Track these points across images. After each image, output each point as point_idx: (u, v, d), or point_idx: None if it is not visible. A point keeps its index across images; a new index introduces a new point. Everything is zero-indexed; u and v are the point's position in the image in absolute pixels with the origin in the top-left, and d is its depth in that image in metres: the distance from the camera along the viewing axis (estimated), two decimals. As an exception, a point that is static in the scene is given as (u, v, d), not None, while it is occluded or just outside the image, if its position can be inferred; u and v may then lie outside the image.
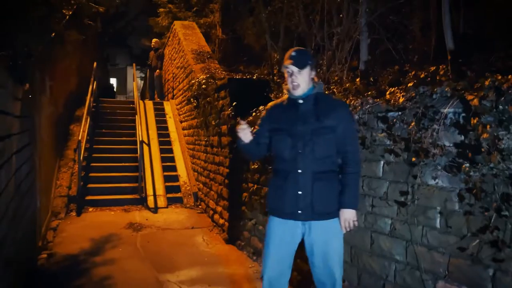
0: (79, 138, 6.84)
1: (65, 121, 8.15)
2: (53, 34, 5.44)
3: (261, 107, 4.30)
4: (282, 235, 2.28)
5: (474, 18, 4.26)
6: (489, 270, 1.98)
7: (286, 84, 2.36)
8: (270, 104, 2.53)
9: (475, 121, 1.95)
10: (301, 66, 2.21)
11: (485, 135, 1.88)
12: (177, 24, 9.89)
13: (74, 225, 5.59)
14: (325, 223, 2.23)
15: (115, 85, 23.10)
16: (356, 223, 2.26)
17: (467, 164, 1.98)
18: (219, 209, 5.56)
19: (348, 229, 2.25)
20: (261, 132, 2.39)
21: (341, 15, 4.31)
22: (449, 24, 3.00)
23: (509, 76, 1.95)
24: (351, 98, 3.02)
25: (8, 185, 2.81)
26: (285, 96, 2.40)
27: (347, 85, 3.71)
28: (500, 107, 1.86)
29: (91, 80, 9.01)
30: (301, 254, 2.63)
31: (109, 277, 3.78)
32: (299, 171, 2.22)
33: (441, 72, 2.71)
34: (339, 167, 2.29)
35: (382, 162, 2.62)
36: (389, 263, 2.59)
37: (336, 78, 4.63)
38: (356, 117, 2.77)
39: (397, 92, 2.59)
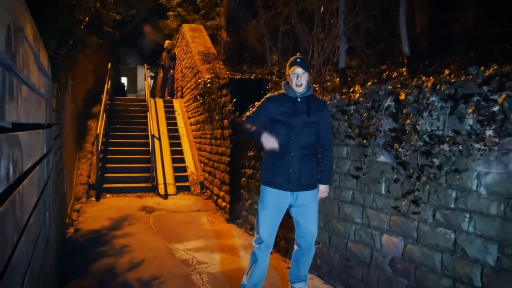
0: (97, 132, 7.61)
1: (84, 117, 8.94)
2: (75, 39, 6.18)
3: (256, 103, 4.99)
4: (276, 201, 2.91)
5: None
6: (414, 222, 2.65)
7: (287, 83, 2.98)
8: (268, 97, 3.07)
9: (404, 111, 2.63)
10: (306, 70, 2.88)
11: (408, 121, 2.55)
12: (185, 27, 10.62)
13: (94, 208, 6.34)
14: (308, 193, 2.92)
15: (125, 84, 23.96)
16: (327, 194, 3.05)
17: (398, 143, 2.66)
18: (221, 193, 6.28)
19: (323, 198, 3.06)
20: (261, 121, 2.95)
21: (325, 23, 4.98)
22: (405, 34, 3.65)
23: (430, 78, 2.62)
24: (325, 94, 3.70)
25: (56, 166, 3.54)
26: (281, 91, 3.00)
27: (328, 84, 4.39)
28: (420, 101, 2.53)
29: (106, 79, 9.79)
30: (287, 224, 3.30)
31: (127, 246, 4.51)
32: (291, 154, 2.86)
33: (395, 74, 3.37)
34: (317, 151, 2.98)
35: (345, 146, 3.31)
36: (351, 225, 3.27)
37: (324, 77, 5.30)
38: (326, 110, 3.44)
39: (358, 90, 3.27)
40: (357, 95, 3.10)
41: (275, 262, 3.99)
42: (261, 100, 3.08)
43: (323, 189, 2.99)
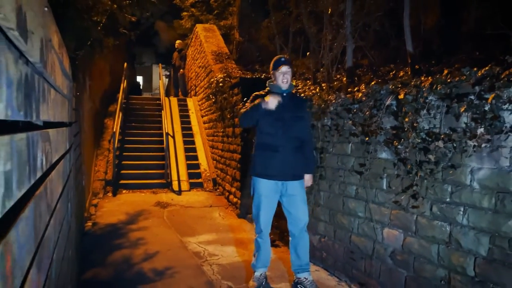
0: (114, 130, 7.87)
1: (101, 115, 9.23)
2: (92, 40, 6.44)
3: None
4: (269, 191, 3.19)
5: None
6: (413, 215, 2.78)
7: (272, 81, 3.31)
8: (256, 94, 3.35)
9: (404, 109, 2.75)
10: (291, 68, 3.21)
11: (407, 119, 2.68)
12: (199, 27, 10.83)
13: (111, 203, 6.60)
14: (296, 182, 3.20)
15: (141, 83, 24.37)
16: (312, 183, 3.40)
17: (397, 140, 2.79)
18: (233, 190, 6.46)
19: (308, 186, 3.35)
20: (255, 116, 3.16)
21: (333, 24, 5.10)
22: (409, 34, 3.76)
23: (429, 78, 2.74)
24: (331, 93, 3.84)
25: (76, 162, 3.77)
26: (267, 89, 3.32)
27: (335, 83, 4.52)
28: (418, 100, 2.65)
29: (122, 79, 10.08)
30: (280, 214, 3.47)
31: (142, 238, 4.73)
32: (284, 146, 3.13)
33: (401, 74, 3.48)
34: (303, 143, 3.23)
35: (349, 143, 3.44)
36: (354, 219, 3.40)
37: (335, 77, 5.43)
38: (332, 108, 3.59)
39: (361, 89, 3.40)
40: (360, 94, 3.23)
41: (282, 255, 4.15)
42: (250, 98, 3.35)
43: (308, 178, 3.31)
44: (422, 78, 2.78)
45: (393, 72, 4.58)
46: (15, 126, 0.82)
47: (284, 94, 3.21)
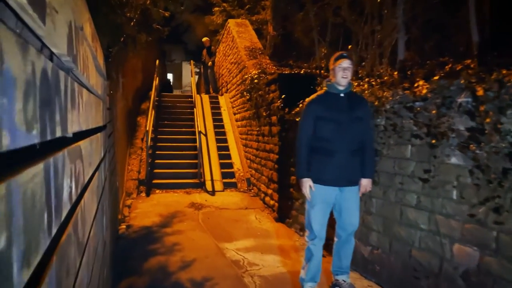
0: (146, 129, 7.73)
1: (133, 113, 9.13)
2: (125, 36, 6.27)
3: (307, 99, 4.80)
4: (325, 197, 2.96)
5: None
6: (493, 232, 2.38)
7: (329, 80, 3.04)
8: (311, 99, 3.12)
9: (482, 108, 2.35)
10: (352, 63, 2.94)
11: (487, 120, 2.28)
12: (231, 22, 10.56)
13: (144, 203, 6.44)
14: (352, 188, 2.97)
15: (171, 80, 24.48)
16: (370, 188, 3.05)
17: (475, 144, 2.39)
18: (269, 191, 6.16)
19: (364, 193, 3.07)
20: (312, 124, 2.97)
21: (382, 13, 4.68)
22: (475, 22, 3.32)
23: (513, 71, 2.32)
24: (385, 90, 3.45)
25: (110, 163, 3.57)
26: (323, 91, 3.05)
27: (385, 78, 4.11)
28: (501, 97, 2.25)
29: (154, 76, 9.95)
30: (331, 223, 3.17)
31: (178, 243, 4.50)
32: (340, 150, 2.89)
33: (459, 67, 3.06)
34: (362, 146, 2.98)
35: (409, 145, 3.06)
36: (415, 231, 3.02)
37: (381, 70, 5.01)
38: (388, 106, 3.21)
39: (423, 85, 3.00)
40: (424, 91, 2.84)
41: (328, 265, 3.80)
42: (304, 107, 3.14)
43: (366, 183, 3.00)
44: (504, 72, 2.36)
45: (449, 66, 4.12)
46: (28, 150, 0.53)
47: (342, 95, 2.96)
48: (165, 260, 3.98)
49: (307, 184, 2.93)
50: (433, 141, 2.74)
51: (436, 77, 3.02)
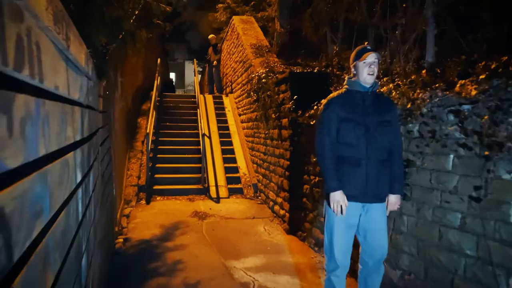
0: (147, 131, 7.29)
1: (133, 115, 8.70)
2: (124, 33, 5.83)
3: (323, 101, 4.35)
4: (348, 216, 2.49)
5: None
6: None
7: (350, 78, 2.61)
8: (331, 97, 2.67)
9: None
10: (378, 58, 2.51)
11: None
12: (235, 19, 10.11)
13: (144, 212, 6.00)
14: (379, 205, 2.54)
15: (173, 79, 24.07)
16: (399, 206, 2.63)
17: (547, 159, 1.94)
18: (279, 200, 5.71)
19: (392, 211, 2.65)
20: (335, 126, 2.53)
21: (404, 5, 4.22)
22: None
23: None
24: (418, 91, 3.00)
25: (103, 175, 3.13)
26: (343, 89, 2.62)
27: (413, 77, 3.66)
28: None
29: (156, 75, 9.52)
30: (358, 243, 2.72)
31: (180, 261, 4.06)
32: (368, 159, 2.45)
33: (494, 66, 2.61)
34: (391, 156, 2.57)
35: (452, 156, 2.60)
36: (459, 257, 2.57)
37: (398, 69, 4.55)
38: (425, 110, 2.75)
39: (468, 85, 2.55)
40: (473, 92, 2.38)
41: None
42: (322, 107, 2.65)
43: (394, 200, 2.59)
44: None
45: (482, 64, 3.65)
46: None
47: (368, 93, 2.52)
48: (165, 282, 3.54)
49: (339, 198, 2.43)
50: (486, 153, 2.28)
51: (482, 76, 2.57)
